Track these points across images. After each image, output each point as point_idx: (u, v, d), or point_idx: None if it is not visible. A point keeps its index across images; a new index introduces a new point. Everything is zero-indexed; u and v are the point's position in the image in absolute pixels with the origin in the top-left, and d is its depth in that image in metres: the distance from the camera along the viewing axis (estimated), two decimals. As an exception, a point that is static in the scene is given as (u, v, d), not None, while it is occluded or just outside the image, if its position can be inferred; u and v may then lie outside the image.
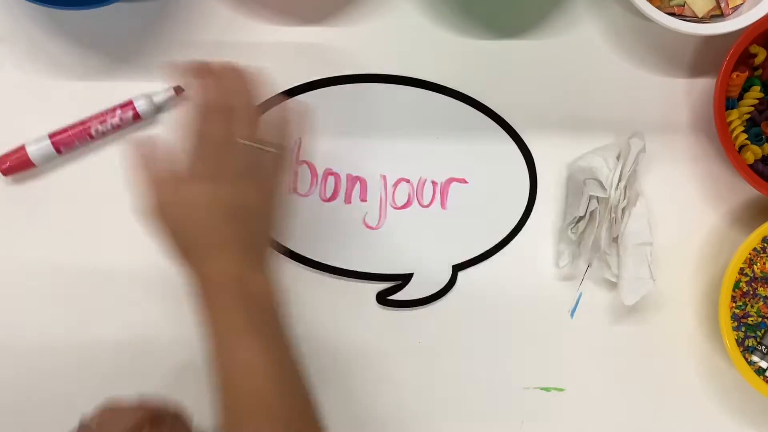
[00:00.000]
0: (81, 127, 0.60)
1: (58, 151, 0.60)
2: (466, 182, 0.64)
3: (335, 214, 0.64)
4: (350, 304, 0.64)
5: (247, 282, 0.49)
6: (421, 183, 0.64)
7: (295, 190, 0.63)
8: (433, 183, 0.64)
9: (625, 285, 0.63)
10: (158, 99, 0.61)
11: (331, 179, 0.64)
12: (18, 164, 0.60)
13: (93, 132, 0.60)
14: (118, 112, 0.60)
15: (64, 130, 0.60)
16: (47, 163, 0.61)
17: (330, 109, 0.63)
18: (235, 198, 0.50)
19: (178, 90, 0.61)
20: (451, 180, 0.64)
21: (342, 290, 0.64)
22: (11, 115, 0.61)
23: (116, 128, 0.60)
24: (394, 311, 0.64)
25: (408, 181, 0.64)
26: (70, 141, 0.60)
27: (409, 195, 0.64)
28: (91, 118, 0.60)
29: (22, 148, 0.59)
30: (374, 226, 0.64)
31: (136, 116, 0.60)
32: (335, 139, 0.63)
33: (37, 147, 0.60)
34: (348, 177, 0.64)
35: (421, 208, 0.64)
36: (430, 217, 0.64)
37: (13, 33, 0.61)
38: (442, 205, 0.64)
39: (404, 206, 0.64)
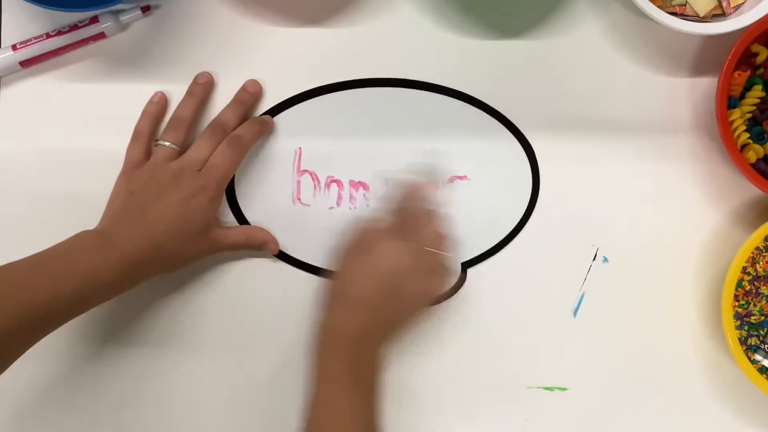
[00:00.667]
0: (47, 43, 0.60)
1: (22, 65, 0.60)
2: (467, 178, 0.64)
3: (340, 221, 0.63)
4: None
5: (365, 347, 0.55)
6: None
7: (299, 199, 0.63)
8: (437, 182, 0.64)
9: None
10: (125, 18, 0.60)
11: (334, 186, 0.64)
12: None
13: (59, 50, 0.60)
14: (84, 32, 0.60)
15: (30, 48, 0.59)
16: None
17: (331, 115, 0.63)
18: (410, 277, 0.56)
19: (145, 9, 0.60)
20: (453, 178, 0.64)
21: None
22: (12, 116, 0.61)
23: (80, 45, 0.60)
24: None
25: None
26: (36, 60, 0.60)
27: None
28: (57, 35, 0.60)
29: None
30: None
31: (101, 35, 0.60)
32: (337, 145, 0.63)
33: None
34: (351, 183, 0.64)
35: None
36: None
37: (14, 34, 0.61)
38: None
39: None
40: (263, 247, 0.62)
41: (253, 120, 0.62)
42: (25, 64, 0.60)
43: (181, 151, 0.60)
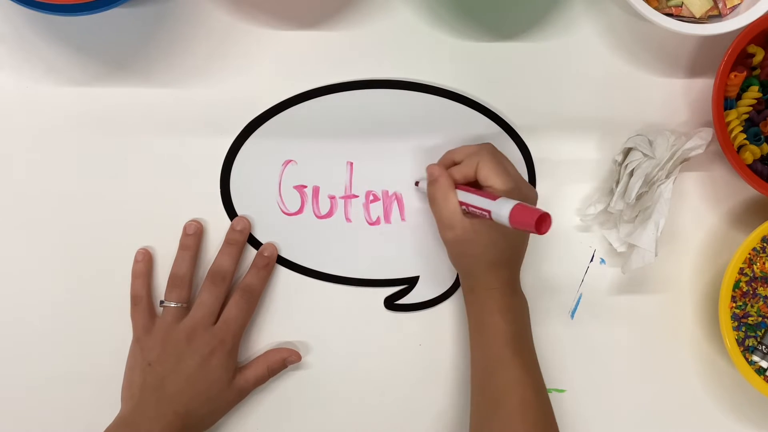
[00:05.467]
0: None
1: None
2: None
3: (337, 228, 0.64)
4: (359, 310, 0.64)
5: (505, 293, 0.59)
6: (421, 185, 0.64)
7: (288, 210, 0.63)
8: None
9: (632, 253, 0.63)
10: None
11: (327, 200, 0.64)
12: None
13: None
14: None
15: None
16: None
17: (326, 118, 0.63)
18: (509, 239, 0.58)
19: None
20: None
21: (350, 297, 0.64)
22: (9, 122, 0.62)
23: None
24: (402, 314, 0.64)
25: (407, 187, 0.64)
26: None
27: (408, 200, 0.64)
28: None
29: None
30: (377, 233, 0.64)
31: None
32: (332, 146, 0.63)
33: None
34: (345, 188, 0.64)
35: (421, 211, 0.64)
36: (430, 219, 0.64)
37: (11, 39, 0.61)
38: None
39: (405, 211, 0.64)
40: (286, 364, 0.63)
41: (257, 266, 0.62)
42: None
43: (188, 307, 0.60)
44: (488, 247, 0.57)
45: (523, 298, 0.61)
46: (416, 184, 0.64)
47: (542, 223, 0.49)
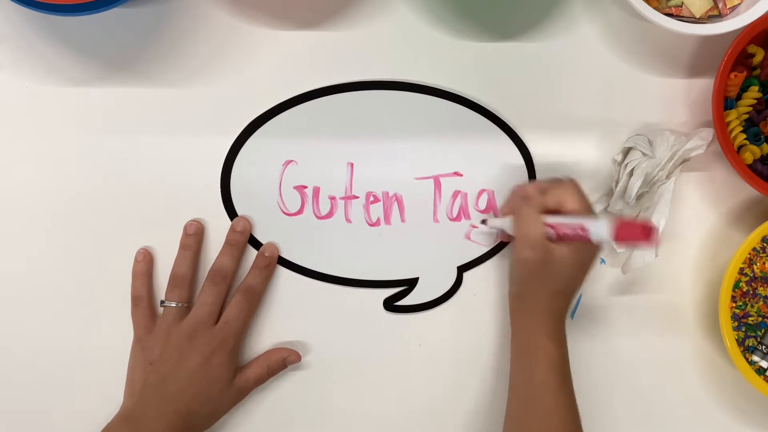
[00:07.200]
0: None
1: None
2: (461, 175, 0.64)
3: (337, 229, 0.64)
4: (359, 311, 0.64)
5: (558, 319, 0.59)
6: (422, 187, 0.64)
7: (288, 210, 0.63)
8: (436, 184, 0.64)
9: (632, 253, 0.63)
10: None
11: (327, 201, 0.64)
12: None
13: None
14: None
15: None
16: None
17: (325, 119, 0.63)
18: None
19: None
20: (448, 178, 0.64)
21: (350, 298, 0.64)
22: (9, 122, 0.61)
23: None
24: (402, 316, 0.64)
25: (407, 188, 0.64)
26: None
27: (408, 201, 0.64)
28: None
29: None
30: (377, 234, 0.64)
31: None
32: (331, 147, 0.63)
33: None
34: (346, 189, 0.64)
35: (421, 213, 0.64)
36: (430, 221, 0.64)
37: (11, 39, 0.61)
38: (440, 209, 0.64)
39: (405, 212, 0.64)
40: (286, 364, 0.62)
41: (258, 267, 0.62)
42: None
43: (189, 307, 0.61)
44: (560, 275, 0.57)
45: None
46: (483, 222, 0.64)
47: (650, 232, 0.51)
